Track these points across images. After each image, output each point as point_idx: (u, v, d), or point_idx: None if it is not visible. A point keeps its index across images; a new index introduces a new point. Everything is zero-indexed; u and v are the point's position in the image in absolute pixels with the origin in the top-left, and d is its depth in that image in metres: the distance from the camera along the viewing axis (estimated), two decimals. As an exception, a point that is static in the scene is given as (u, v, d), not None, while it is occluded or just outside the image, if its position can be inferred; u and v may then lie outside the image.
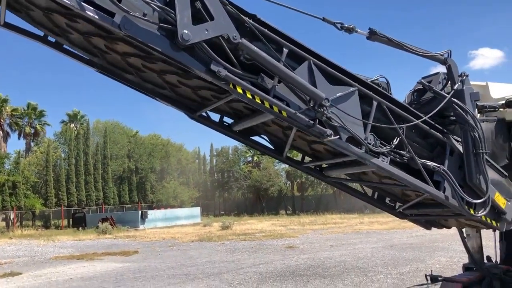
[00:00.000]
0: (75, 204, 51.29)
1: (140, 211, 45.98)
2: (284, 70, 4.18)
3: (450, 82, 5.73)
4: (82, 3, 3.38)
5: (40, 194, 50.81)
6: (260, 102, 4.20)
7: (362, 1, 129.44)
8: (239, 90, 4.08)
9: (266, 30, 4.21)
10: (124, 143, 64.63)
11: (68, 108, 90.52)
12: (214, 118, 5.53)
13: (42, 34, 4.15)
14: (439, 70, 6.09)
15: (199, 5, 3.77)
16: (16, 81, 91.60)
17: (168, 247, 24.43)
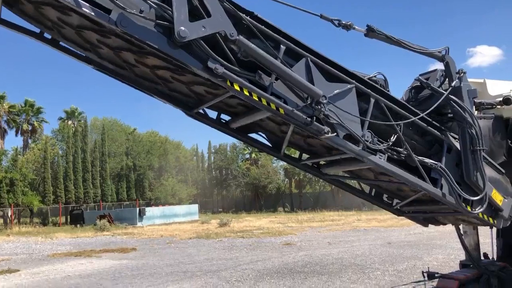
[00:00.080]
0: (73, 201, 51.24)
1: (138, 209, 45.87)
2: (281, 67, 4.16)
3: (447, 79, 5.73)
4: (79, 0, 3.37)
5: (38, 191, 50.76)
6: (257, 100, 4.18)
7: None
8: (236, 88, 4.06)
9: (263, 27, 4.20)
10: (122, 140, 64.57)
11: (65, 105, 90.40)
12: (212, 115, 5.52)
13: (38, 31, 4.13)
14: (437, 67, 6.10)
15: (196, 2, 3.75)
16: (13, 77, 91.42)
17: (166, 244, 24.43)
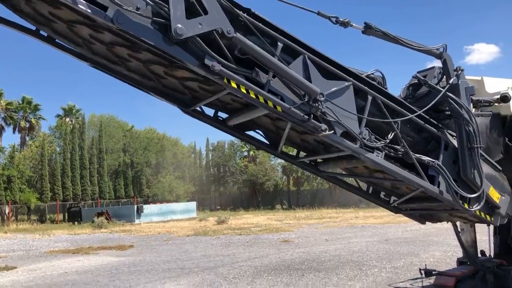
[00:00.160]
0: (70, 199, 51.17)
1: (135, 206, 45.82)
2: (278, 65, 4.15)
3: (445, 77, 5.73)
4: None
5: (36, 188, 50.65)
6: (254, 97, 4.18)
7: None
8: (233, 85, 4.05)
9: (260, 24, 4.19)
10: (119, 137, 64.40)
11: (63, 102, 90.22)
12: (209, 112, 5.50)
13: (34, 28, 4.11)
14: (435, 65, 6.10)
15: (192, -1, 3.74)
16: (10, 75, 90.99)
17: (163, 241, 24.41)
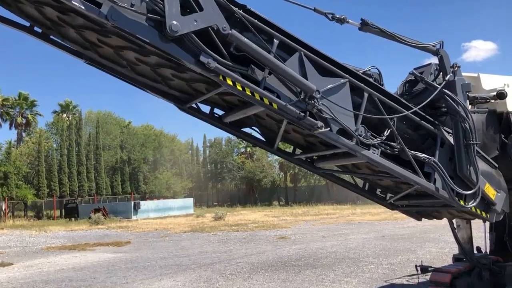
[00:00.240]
0: (67, 195, 51.10)
1: (132, 202, 45.77)
2: (274, 62, 4.13)
3: (441, 73, 5.73)
4: None
5: (32, 185, 50.60)
6: (250, 94, 4.16)
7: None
8: (229, 82, 4.04)
9: (256, 21, 4.16)
10: (116, 133, 64.29)
11: (60, 98, 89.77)
12: (205, 109, 5.49)
13: (28, 24, 4.08)
14: (432, 62, 6.09)
15: (188, -5, 3.71)
16: (7, 71, 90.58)
17: (160, 237, 24.41)
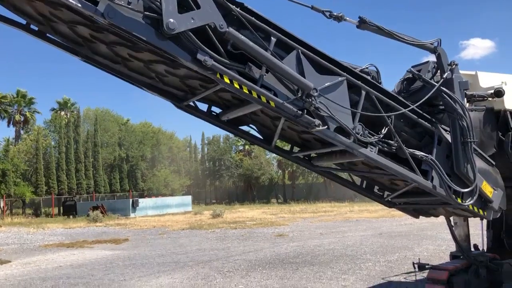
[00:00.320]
0: (65, 192, 51.07)
1: (131, 199, 45.72)
2: (272, 60, 4.13)
3: (439, 71, 5.73)
4: None
5: (30, 182, 50.53)
6: (247, 92, 4.15)
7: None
8: (226, 80, 4.03)
9: (253, 19, 4.16)
10: (114, 131, 64.20)
11: (58, 96, 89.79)
12: (202, 107, 5.48)
13: (24, 22, 4.07)
14: (429, 59, 6.09)
15: (185, -8, 3.70)
16: (4, 68, 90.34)
17: (158, 235, 24.42)
